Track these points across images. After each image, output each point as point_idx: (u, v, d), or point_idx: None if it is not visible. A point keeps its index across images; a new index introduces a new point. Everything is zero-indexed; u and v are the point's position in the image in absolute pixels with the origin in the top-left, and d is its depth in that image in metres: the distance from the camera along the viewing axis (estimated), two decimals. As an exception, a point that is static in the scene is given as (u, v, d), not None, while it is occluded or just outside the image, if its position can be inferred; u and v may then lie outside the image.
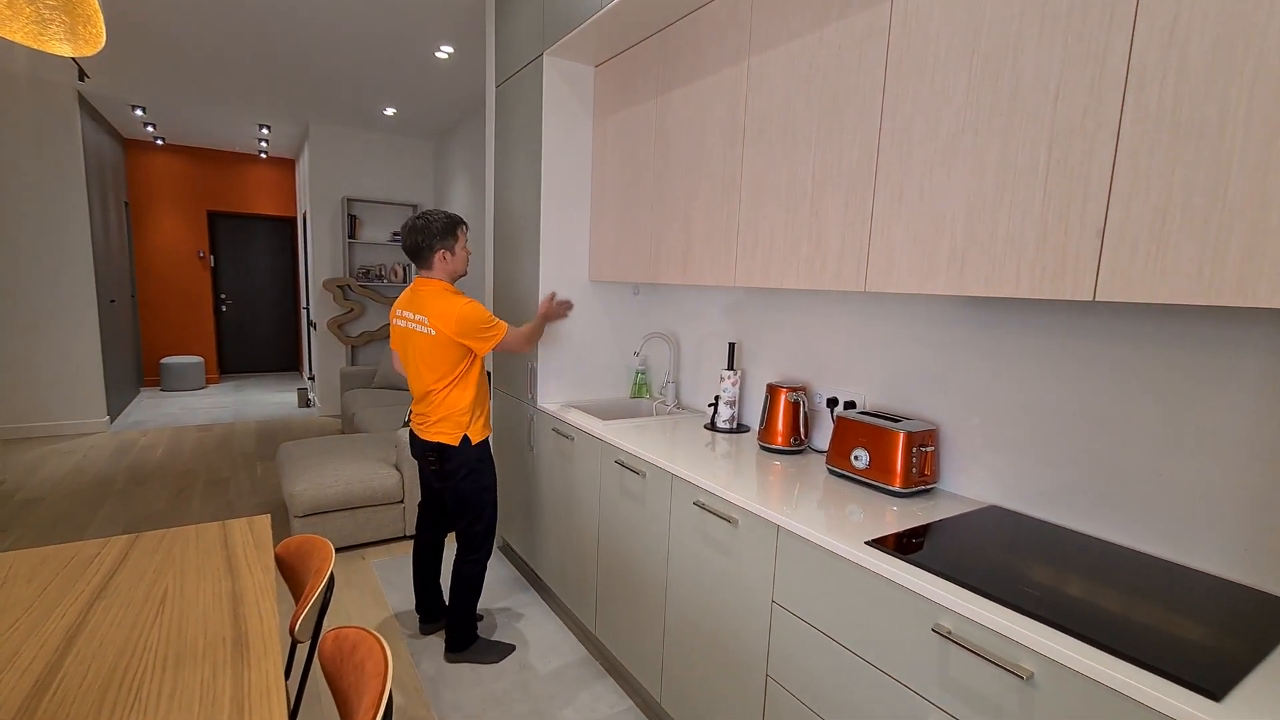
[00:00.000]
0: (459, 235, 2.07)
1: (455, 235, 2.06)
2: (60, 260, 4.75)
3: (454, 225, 2.06)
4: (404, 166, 5.93)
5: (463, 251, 2.09)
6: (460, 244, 2.08)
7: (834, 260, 1.50)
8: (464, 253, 2.10)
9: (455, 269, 2.09)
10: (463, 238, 2.08)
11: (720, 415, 2.18)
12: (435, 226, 2.02)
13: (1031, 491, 1.43)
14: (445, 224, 2.04)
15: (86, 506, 3.48)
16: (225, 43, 3.71)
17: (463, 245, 2.09)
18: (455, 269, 2.09)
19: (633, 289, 2.68)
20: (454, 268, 2.08)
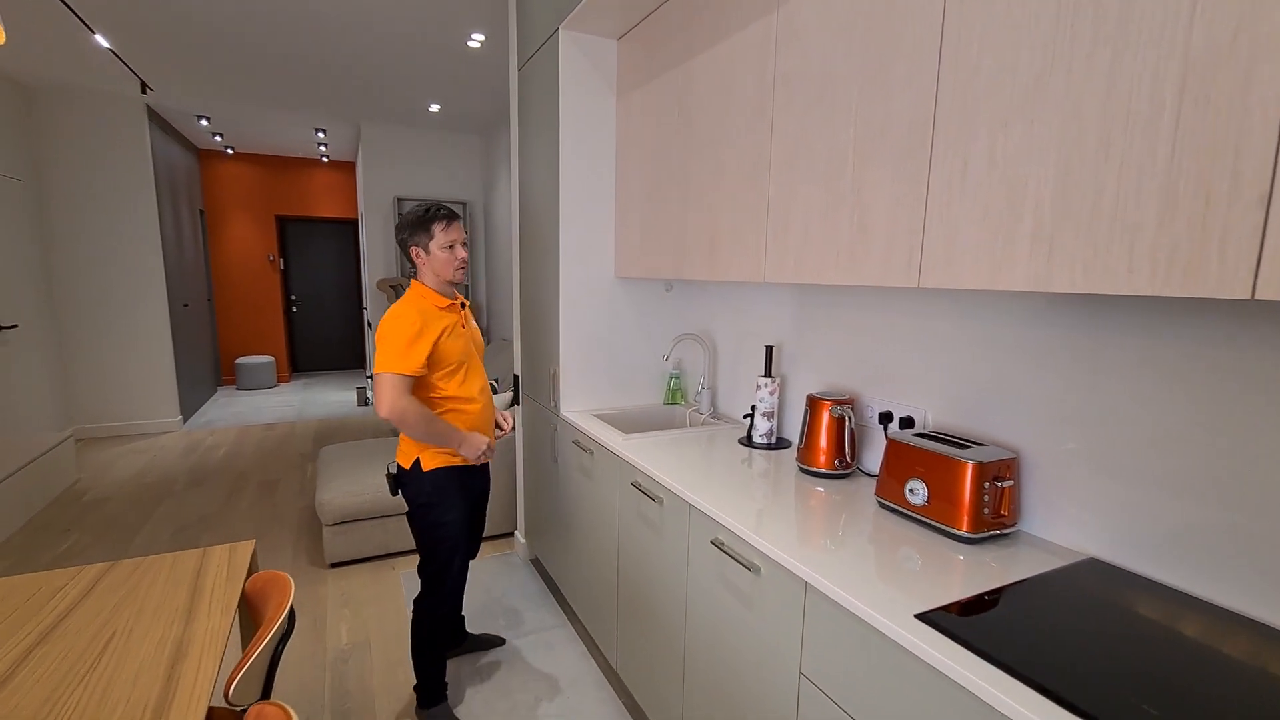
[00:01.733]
0: (433, 230, 1.73)
1: (428, 230, 1.73)
2: (133, 267, 4.98)
3: (428, 219, 1.74)
4: (453, 163, 5.89)
5: (441, 252, 1.74)
6: (437, 241, 1.74)
7: (880, 249, 1.20)
8: (443, 254, 1.74)
9: (437, 270, 1.76)
10: (441, 234, 1.74)
11: (757, 429, 1.91)
12: (407, 218, 1.76)
13: (1147, 542, 1.09)
14: (417, 216, 1.74)
15: (144, 507, 3.58)
16: (271, 49, 3.71)
17: (442, 244, 1.74)
18: (437, 270, 1.76)
19: (665, 286, 2.44)
20: (435, 269, 1.76)
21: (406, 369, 1.66)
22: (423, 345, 1.67)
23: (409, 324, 1.67)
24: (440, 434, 1.73)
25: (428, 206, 1.76)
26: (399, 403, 1.65)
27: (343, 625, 2.43)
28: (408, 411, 1.66)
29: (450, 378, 1.78)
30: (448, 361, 1.75)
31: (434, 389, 1.77)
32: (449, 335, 1.74)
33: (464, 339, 1.80)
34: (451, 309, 1.79)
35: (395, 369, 1.64)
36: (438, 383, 1.76)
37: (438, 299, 1.76)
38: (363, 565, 2.90)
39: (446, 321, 1.74)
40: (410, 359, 1.66)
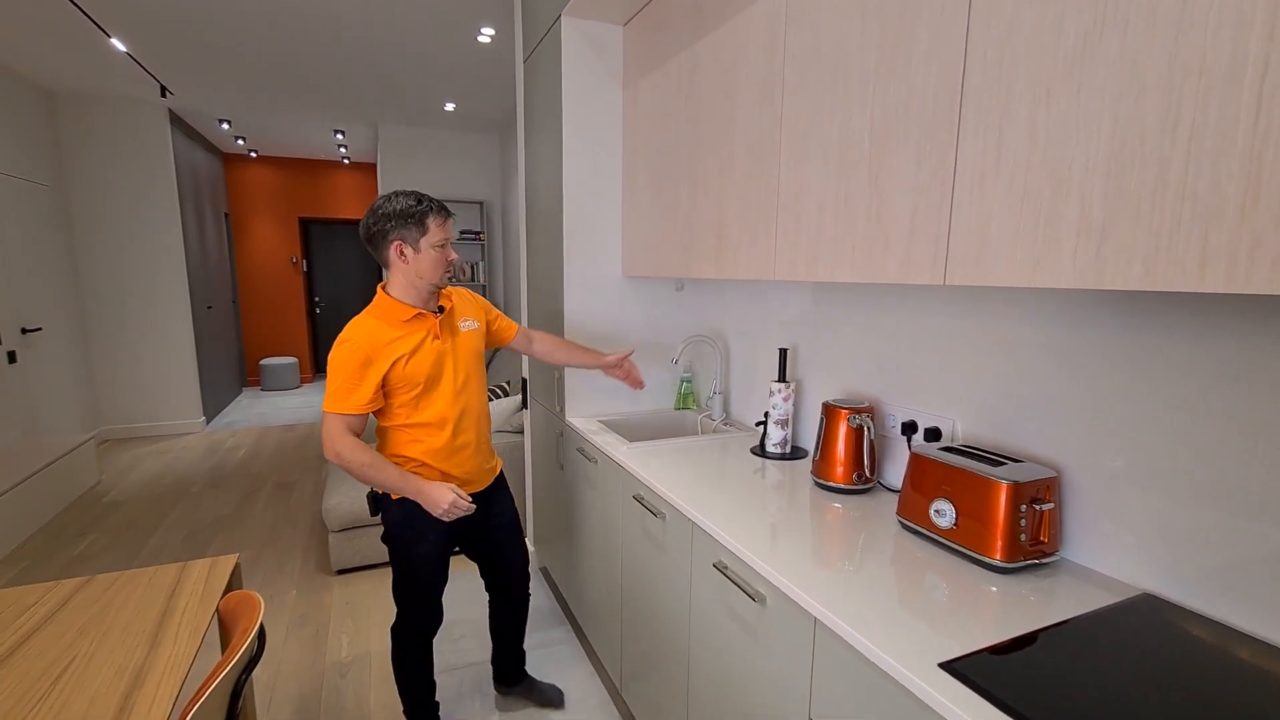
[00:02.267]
0: (428, 225, 1.49)
1: (422, 224, 1.48)
2: (156, 270, 5.03)
3: (422, 210, 1.49)
4: (470, 163, 5.85)
5: (433, 251, 1.50)
6: (431, 239, 1.49)
7: (901, 243, 1.07)
8: (434, 253, 1.50)
9: (422, 272, 1.51)
10: (437, 230, 1.50)
11: (770, 437, 1.78)
12: (390, 207, 1.48)
13: (1213, 574, 0.94)
14: (407, 207, 1.48)
15: (161, 510, 3.59)
16: (284, 50, 3.69)
17: (436, 242, 1.50)
18: (422, 272, 1.51)
19: (676, 285, 2.32)
20: (420, 270, 1.51)
21: (347, 407, 1.45)
22: (369, 379, 1.47)
23: (352, 354, 1.45)
24: (388, 483, 1.50)
25: (418, 197, 1.51)
26: (335, 446, 1.45)
27: (344, 636, 2.36)
28: (343, 457, 1.45)
29: (413, 402, 1.54)
30: (411, 384, 1.52)
31: (394, 415, 1.56)
32: (413, 356, 1.51)
33: (436, 353, 1.56)
34: (419, 320, 1.54)
35: (334, 408, 1.45)
36: (397, 409, 1.55)
37: (401, 310, 1.52)
38: (369, 572, 2.84)
39: (408, 343, 1.51)
40: (352, 397, 1.46)
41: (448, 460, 1.62)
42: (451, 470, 1.63)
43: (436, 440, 1.59)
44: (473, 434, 1.66)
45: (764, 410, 2.00)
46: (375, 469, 1.49)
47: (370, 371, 1.48)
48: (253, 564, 2.92)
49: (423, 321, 1.56)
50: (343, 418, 1.47)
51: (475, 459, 1.68)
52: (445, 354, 1.59)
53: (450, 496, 1.51)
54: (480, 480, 1.71)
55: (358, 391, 1.47)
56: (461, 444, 1.64)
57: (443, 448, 1.60)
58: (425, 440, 1.59)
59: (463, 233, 5.89)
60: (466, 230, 5.90)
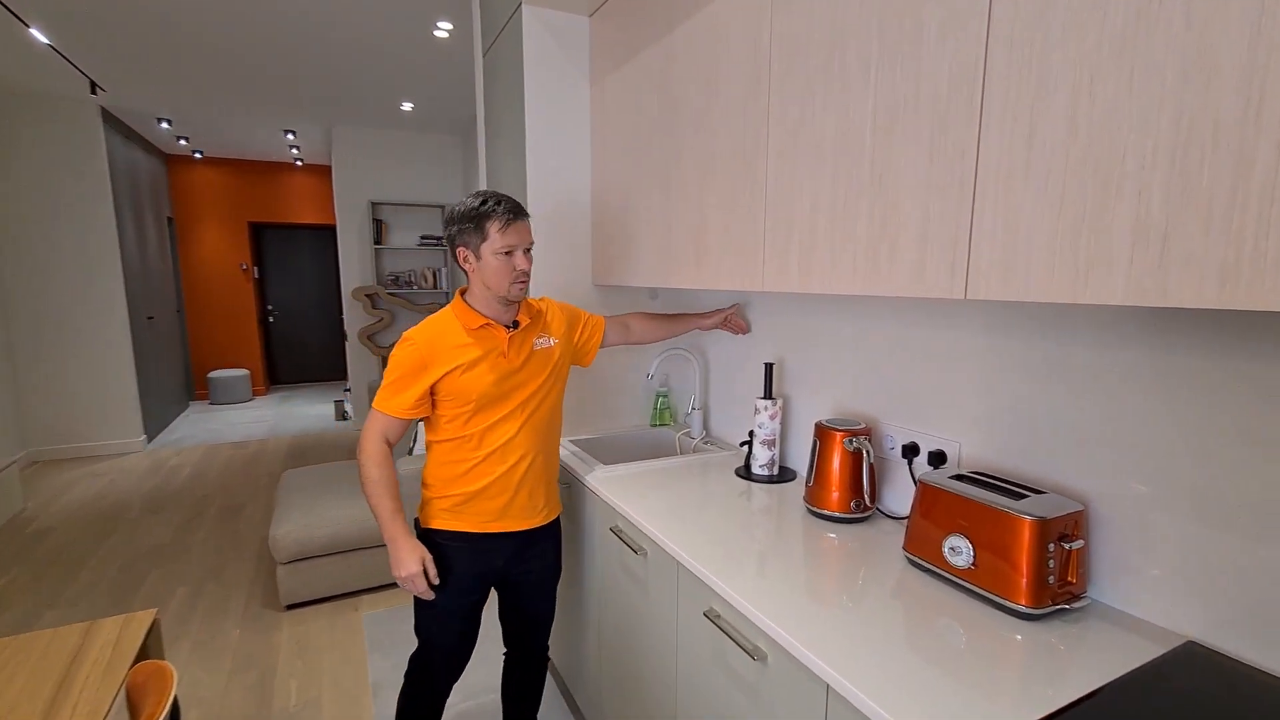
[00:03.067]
0: (487, 230, 1.33)
1: (481, 229, 1.33)
2: (91, 279, 4.68)
3: (482, 213, 1.33)
4: (430, 165, 5.62)
5: (495, 259, 1.34)
6: (492, 245, 1.33)
7: (911, 251, 0.95)
8: (496, 261, 1.34)
9: (488, 281, 1.36)
10: (498, 235, 1.33)
11: (756, 458, 1.65)
12: (456, 211, 1.37)
13: (1261, 619, 0.84)
14: (469, 209, 1.34)
15: (93, 539, 3.29)
16: (227, 44, 3.44)
17: (498, 248, 1.33)
18: (488, 281, 1.36)
19: (649, 294, 2.18)
20: (486, 279, 1.36)
21: (389, 408, 1.35)
22: (419, 384, 1.34)
23: (409, 355, 1.34)
24: (375, 513, 1.35)
25: (484, 197, 1.35)
26: (364, 443, 1.35)
27: (293, 681, 2.15)
28: (361, 458, 1.35)
29: (462, 421, 1.38)
30: (461, 399, 1.36)
31: (439, 429, 1.41)
32: (471, 369, 1.35)
33: (500, 372, 1.38)
34: (487, 331, 1.37)
35: (379, 404, 1.36)
36: (444, 424, 1.40)
37: (471, 317, 1.37)
38: (322, 606, 2.62)
39: (469, 353, 1.36)
40: (397, 399, 1.35)
41: (486, 492, 1.42)
42: (483, 505, 1.42)
43: (482, 469, 1.41)
44: (525, 469, 1.44)
45: (748, 428, 1.88)
46: (375, 489, 1.35)
47: (423, 377, 1.35)
48: (193, 599, 2.68)
49: (490, 334, 1.39)
50: (383, 418, 1.36)
51: (523, 498, 1.46)
52: (512, 375, 1.40)
53: (414, 570, 1.33)
54: (521, 521, 1.47)
55: (403, 394, 1.35)
56: (510, 479, 1.43)
57: (489, 477, 1.41)
58: (466, 464, 1.40)
59: (423, 237, 5.67)
60: (427, 235, 5.68)
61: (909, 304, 1.34)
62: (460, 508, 1.42)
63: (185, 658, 2.27)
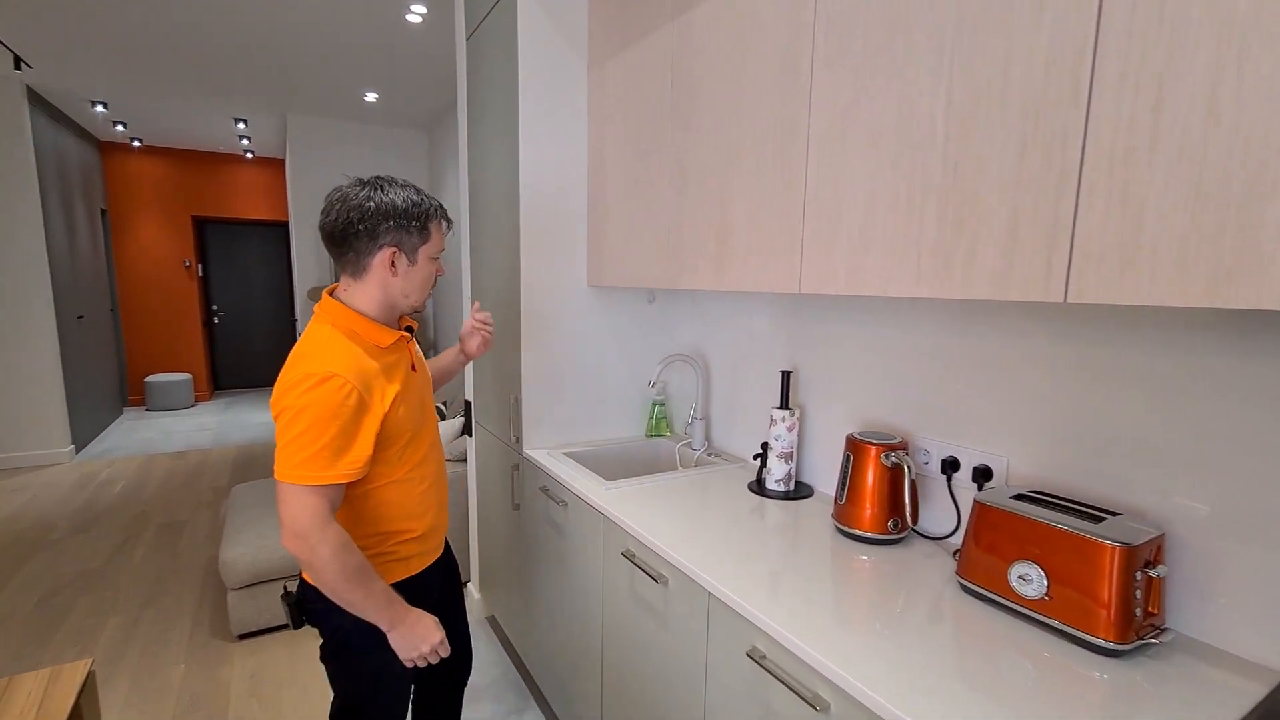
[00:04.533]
0: (430, 232, 1.15)
1: (425, 230, 1.14)
2: (12, 274, 4.26)
3: (428, 212, 1.14)
4: (393, 161, 5.36)
5: (429, 265, 1.16)
6: (431, 248, 1.16)
7: (994, 250, 0.85)
8: (430, 266, 1.17)
9: (407, 289, 1.15)
10: (439, 239, 1.17)
11: (771, 473, 1.54)
12: (390, 201, 1.10)
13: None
14: (411, 204, 1.12)
15: (10, 564, 2.95)
16: (177, 22, 3.16)
17: (434, 253, 1.17)
18: (407, 289, 1.15)
19: (647, 296, 2.05)
20: (404, 288, 1.14)
21: (334, 474, 1.02)
22: (368, 429, 1.06)
23: (343, 396, 1.01)
24: (367, 603, 1.07)
25: (418, 191, 1.15)
26: (316, 536, 1.00)
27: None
28: (321, 557, 1.00)
29: (401, 452, 1.16)
30: (401, 432, 1.14)
31: (372, 477, 1.14)
32: (406, 395, 1.14)
33: (416, 387, 1.21)
34: (397, 347, 1.17)
35: (316, 477, 1.00)
36: (379, 469, 1.14)
37: (379, 334, 1.12)
38: (279, 634, 2.39)
39: (397, 375, 1.14)
40: (344, 459, 1.03)
41: (426, 518, 1.24)
42: (431, 538, 1.27)
43: (428, 498, 1.24)
44: (445, 483, 1.33)
45: (753, 439, 1.77)
46: (360, 580, 1.05)
47: (368, 421, 1.06)
48: (128, 631, 2.40)
49: (400, 349, 1.19)
50: (327, 491, 1.02)
51: (444, 518, 1.34)
52: (423, 389, 1.25)
53: (439, 636, 1.14)
54: (443, 542, 1.38)
55: (352, 450, 1.04)
56: (442, 498, 1.30)
57: (434, 505, 1.26)
58: (404, 502, 1.19)
59: (386, 236, 5.38)
60: (390, 233, 5.40)
61: (948, 306, 1.26)
62: (409, 554, 1.23)
63: (122, 701, 2.02)
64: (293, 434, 1.00)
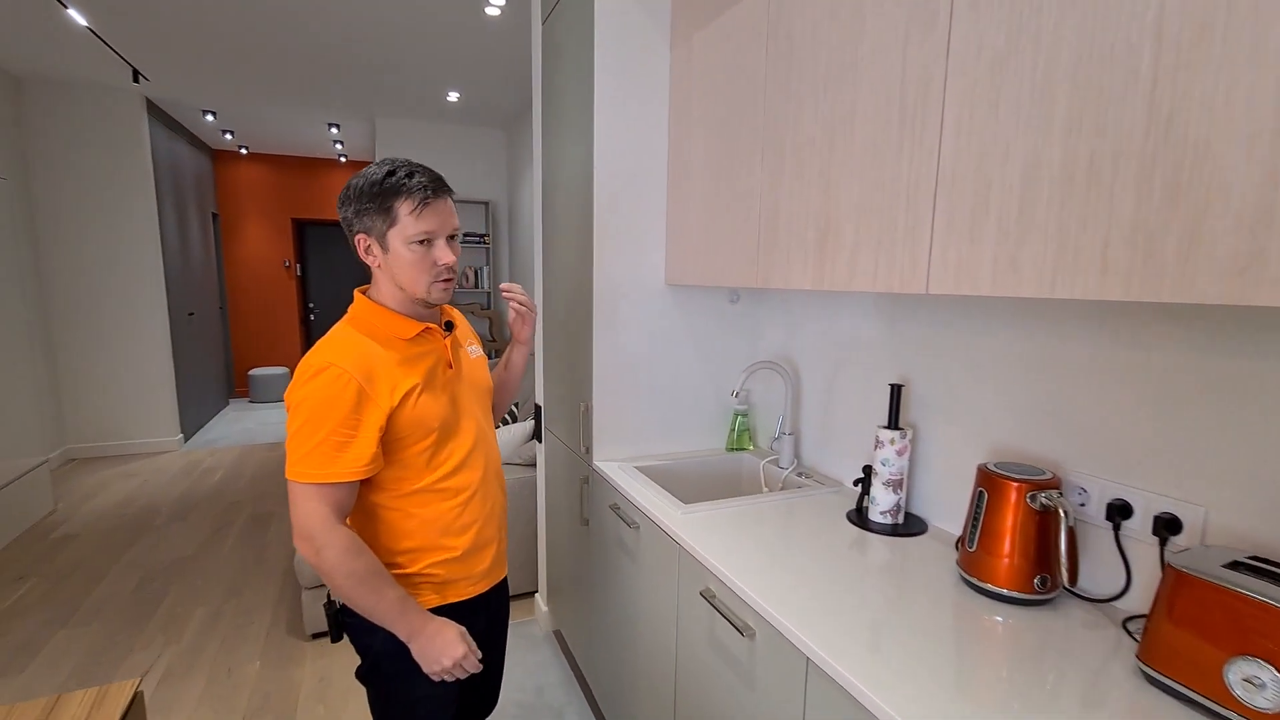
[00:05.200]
0: (395, 211, 0.99)
1: (388, 210, 0.99)
2: (131, 273, 4.59)
3: (387, 190, 0.99)
4: (474, 160, 5.41)
5: (407, 250, 1.00)
6: (401, 230, 0.99)
7: (1234, 233, 0.61)
8: (410, 253, 1.01)
9: (402, 280, 1.03)
10: (410, 218, 0.99)
11: (876, 503, 1.32)
12: (355, 184, 1.01)
13: None
14: (370, 183, 1.00)
15: (116, 547, 3.13)
16: (273, 30, 3.27)
17: (411, 235, 1.00)
18: (402, 280, 1.03)
19: (729, 295, 1.86)
20: (399, 277, 1.03)
21: (335, 473, 0.95)
22: (369, 422, 0.97)
23: (338, 387, 0.94)
24: (382, 610, 0.98)
25: (392, 165, 1.01)
26: (321, 539, 0.94)
27: (313, 729, 1.90)
28: (327, 560, 0.94)
29: (429, 457, 1.06)
30: (422, 431, 1.04)
31: (393, 484, 1.05)
32: (423, 391, 1.04)
33: (451, 387, 1.10)
34: (426, 339, 1.08)
35: (316, 475, 0.94)
36: (400, 473, 1.05)
37: (400, 325, 1.05)
38: (349, 636, 2.37)
39: (419, 367, 1.05)
40: (345, 455, 0.95)
41: (466, 536, 1.12)
42: (474, 563, 1.14)
43: (461, 497, 1.10)
44: (500, 503, 1.21)
45: (853, 461, 1.54)
46: (369, 584, 0.97)
47: (371, 413, 0.97)
48: (211, 623, 2.46)
49: (430, 342, 1.09)
50: (330, 490, 0.95)
51: (501, 536, 1.22)
52: (461, 390, 1.13)
53: (462, 649, 1.03)
54: (503, 566, 1.25)
55: (354, 446, 0.96)
56: (492, 521, 1.18)
57: (471, 508, 1.12)
58: (435, 516, 1.08)
59: (466, 235, 5.45)
60: (470, 233, 5.47)
61: (1113, 306, 1.00)
62: (448, 577, 1.11)
63: (198, 695, 2.04)
64: (294, 428, 0.95)
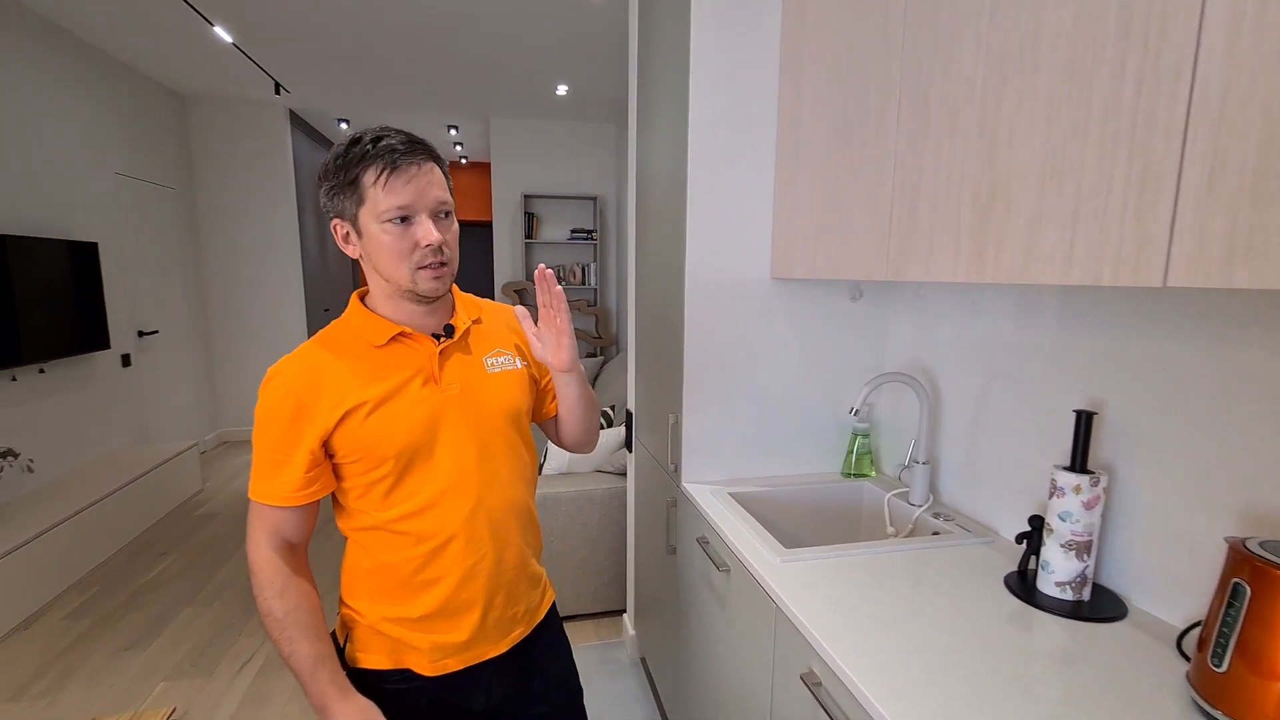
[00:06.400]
0: (362, 186, 0.82)
1: (356, 187, 0.83)
2: (274, 273, 4.98)
3: (351, 161, 0.83)
4: (584, 155, 5.35)
5: (382, 232, 0.83)
6: (372, 208, 0.83)
7: None
8: (386, 235, 0.83)
9: (382, 269, 0.86)
10: (379, 191, 0.82)
11: (1050, 569, 0.98)
12: (321, 168, 0.87)
13: None
14: (333, 158, 0.85)
15: (240, 534, 3.34)
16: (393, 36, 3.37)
17: (383, 213, 0.82)
18: (382, 269, 0.86)
19: (849, 290, 1.56)
20: (377, 266, 0.87)
21: (269, 494, 0.85)
22: (303, 441, 0.84)
23: (276, 402, 0.84)
24: (292, 663, 0.86)
25: (358, 134, 0.84)
26: (255, 563, 0.86)
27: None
28: (254, 582, 0.87)
29: (387, 489, 0.87)
30: (375, 457, 0.86)
31: (351, 513, 0.90)
32: (382, 406, 0.85)
33: (430, 406, 0.89)
34: (404, 346, 0.90)
35: (253, 491, 0.87)
36: (355, 501, 0.89)
37: (375, 326, 0.89)
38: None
39: (377, 383, 0.86)
40: (279, 476, 0.85)
41: (426, 597, 0.90)
42: (442, 631, 0.92)
43: (408, 562, 0.89)
44: (493, 557, 0.93)
45: (1020, 507, 1.19)
46: (282, 630, 0.85)
47: (306, 429, 0.84)
48: (314, 612, 2.51)
49: (410, 349, 0.90)
50: (267, 512, 0.86)
51: (500, 602, 0.95)
52: (446, 411, 0.90)
53: None
54: (502, 637, 0.97)
55: (286, 469, 0.85)
56: (476, 578, 0.92)
57: (444, 584, 0.90)
58: (390, 562, 0.89)
59: (574, 231, 5.41)
60: (578, 230, 5.42)
61: None
62: (405, 642, 0.91)
63: (289, 690, 2.06)
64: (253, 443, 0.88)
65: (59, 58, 3.34)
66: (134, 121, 3.99)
